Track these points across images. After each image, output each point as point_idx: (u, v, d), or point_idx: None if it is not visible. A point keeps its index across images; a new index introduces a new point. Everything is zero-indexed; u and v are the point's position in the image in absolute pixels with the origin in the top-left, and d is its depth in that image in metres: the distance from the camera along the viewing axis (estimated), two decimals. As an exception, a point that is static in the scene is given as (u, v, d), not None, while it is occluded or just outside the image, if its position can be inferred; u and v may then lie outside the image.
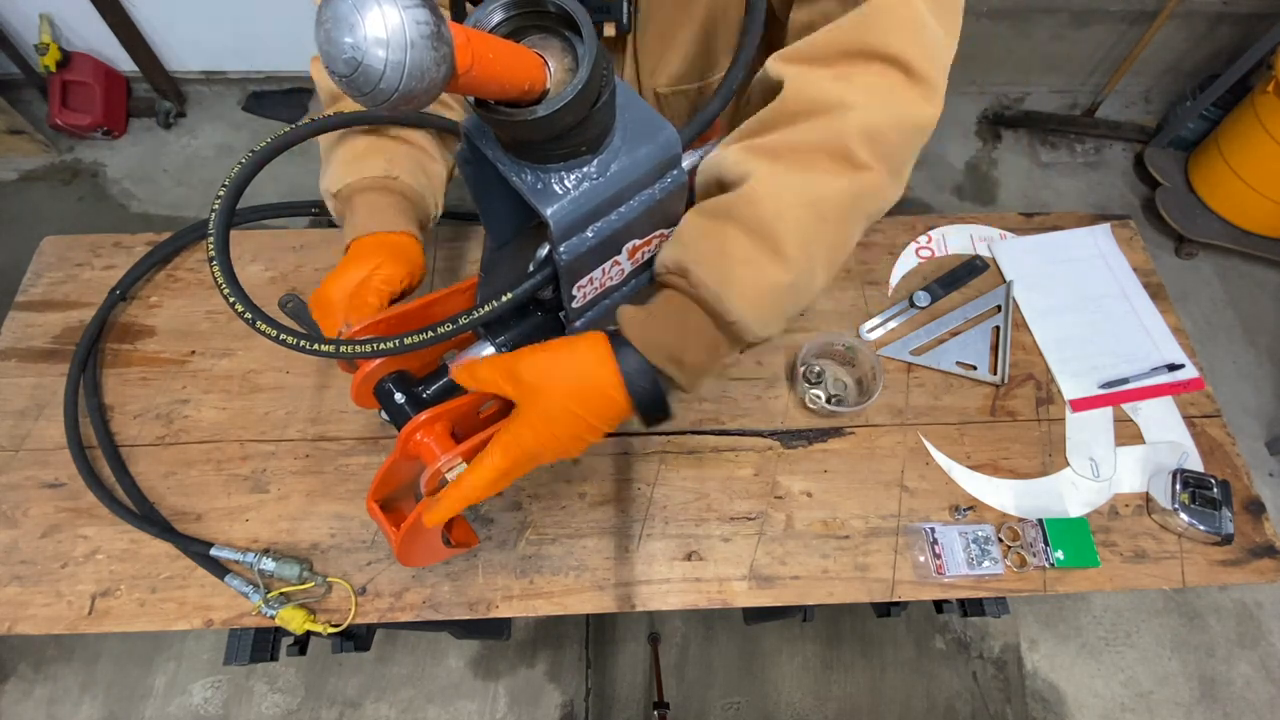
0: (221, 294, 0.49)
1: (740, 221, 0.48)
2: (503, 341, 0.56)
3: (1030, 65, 2.43)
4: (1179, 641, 1.66)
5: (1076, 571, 0.80)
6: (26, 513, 0.82)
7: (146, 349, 0.93)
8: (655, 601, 0.78)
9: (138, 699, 1.56)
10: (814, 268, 0.51)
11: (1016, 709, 1.59)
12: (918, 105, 0.50)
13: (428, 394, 0.57)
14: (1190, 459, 0.86)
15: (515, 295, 0.48)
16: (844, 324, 0.96)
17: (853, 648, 1.64)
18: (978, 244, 1.03)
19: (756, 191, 0.48)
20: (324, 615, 0.76)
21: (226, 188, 0.52)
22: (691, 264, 0.49)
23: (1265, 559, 0.81)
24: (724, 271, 0.48)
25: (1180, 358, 0.93)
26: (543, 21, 0.39)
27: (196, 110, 2.43)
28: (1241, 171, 1.99)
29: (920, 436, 0.88)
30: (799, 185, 0.48)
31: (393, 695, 1.57)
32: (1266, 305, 2.12)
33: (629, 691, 1.59)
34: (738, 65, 0.53)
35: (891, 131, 0.49)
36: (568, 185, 0.44)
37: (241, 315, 0.49)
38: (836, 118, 0.48)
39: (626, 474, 0.85)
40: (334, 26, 0.28)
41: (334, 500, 0.82)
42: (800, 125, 0.49)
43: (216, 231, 0.50)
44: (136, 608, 0.76)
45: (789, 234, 0.48)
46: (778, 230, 0.48)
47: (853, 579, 0.79)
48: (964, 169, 2.39)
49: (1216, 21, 2.23)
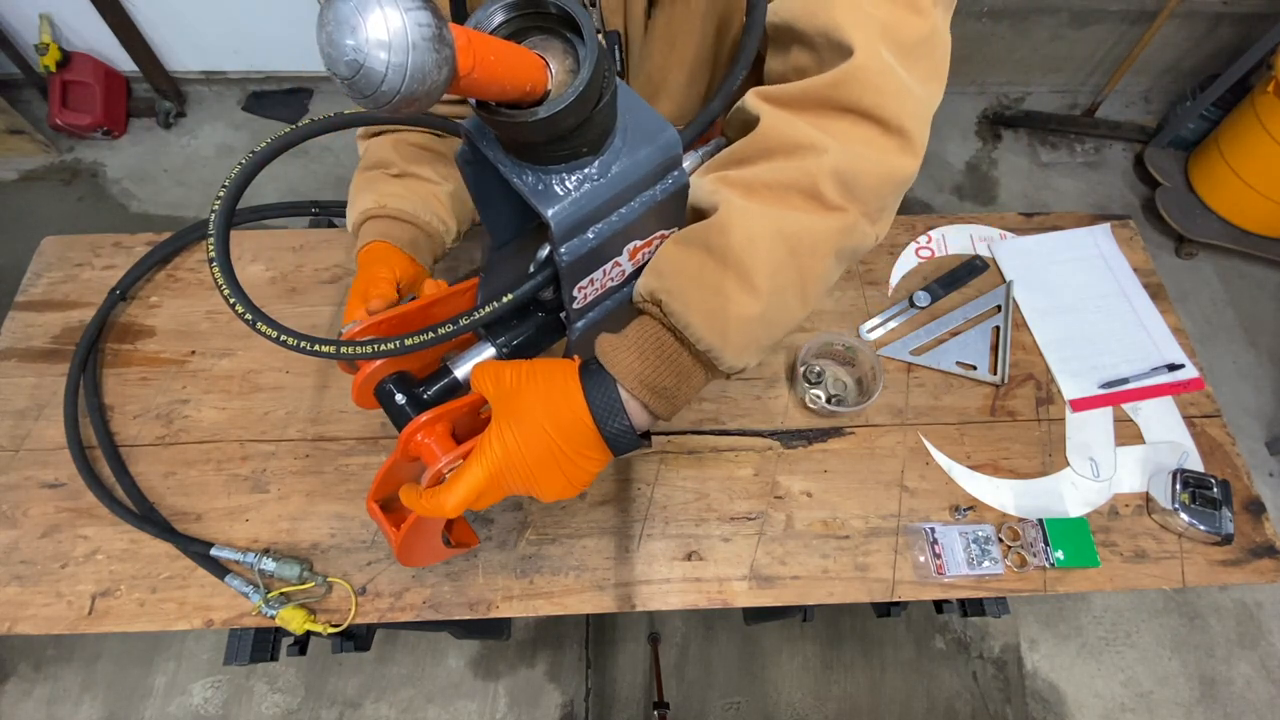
0: (222, 294, 0.49)
1: (712, 250, 0.49)
2: (503, 342, 0.56)
3: (1030, 65, 2.43)
4: (1179, 641, 1.66)
5: (1076, 571, 0.80)
6: (26, 513, 0.82)
7: (146, 349, 0.93)
8: (655, 601, 0.78)
9: (138, 699, 1.56)
10: (785, 300, 0.51)
11: (1016, 709, 1.59)
12: (894, 156, 0.51)
13: (428, 395, 0.57)
14: (1190, 459, 0.86)
15: (516, 296, 0.48)
16: (844, 324, 0.96)
17: (853, 648, 1.64)
18: (978, 244, 1.03)
19: (728, 221, 0.49)
20: (324, 615, 0.76)
21: (226, 188, 0.52)
22: (664, 294, 0.50)
23: (1265, 559, 0.81)
24: (694, 301, 0.49)
25: (1180, 358, 0.93)
26: (544, 23, 0.39)
27: (196, 110, 2.43)
28: (1241, 171, 1.99)
29: (920, 436, 0.88)
30: (770, 217, 0.49)
31: (393, 695, 1.57)
32: (1266, 305, 2.12)
33: (629, 691, 1.59)
34: (738, 65, 0.53)
35: (865, 176, 0.50)
36: (569, 186, 0.44)
37: (242, 316, 0.48)
38: (809, 158, 0.49)
39: (626, 474, 0.85)
40: (336, 29, 0.28)
41: (334, 500, 0.82)
42: (775, 162, 0.50)
43: (217, 232, 0.50)
44: (136, 608, 0.76)
45: (759, 265, 0.49)
46: (746, 261, 0.48)
47: (853, 579, 0.79)
48: (964, 169, 2.39)
49: (1216, 21, 2.23)
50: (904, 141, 0.50)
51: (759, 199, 0.50)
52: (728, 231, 0.49)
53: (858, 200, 0.50)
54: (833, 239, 0.51)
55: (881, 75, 0.49)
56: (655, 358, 0.50)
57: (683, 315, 0.49)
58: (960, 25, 2.27)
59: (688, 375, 0.52)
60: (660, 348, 0.51)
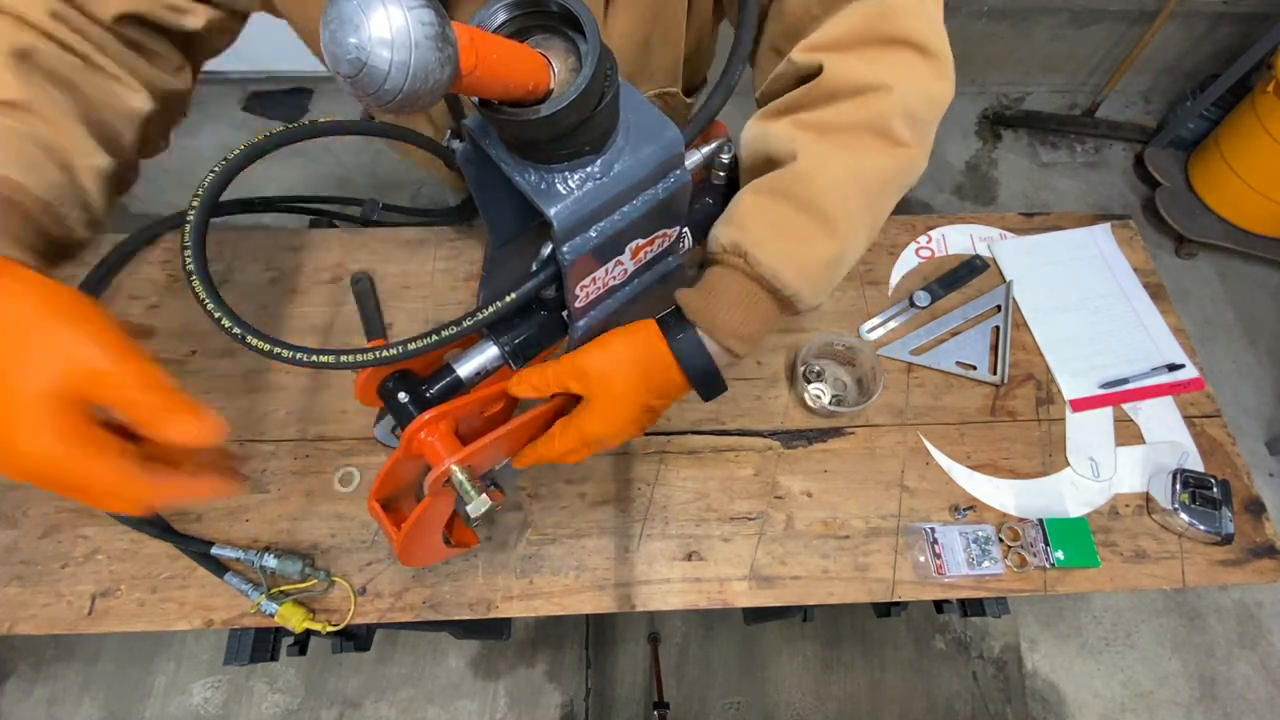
0: (205, 310, 0.45)
1: (794, 199, 0.51)
2: (505, 341, 0.56)
3: (1030, 65, 2.43)
4: (1179, 641, 1.67)
5: (1077, 571, 0.80)
6: (26, 513, 0.82)
7: (146, 349, 0.93)
8: (655, 601, 0.78)
9: (138, 699, 1.56)
10: (858, 240, 0.54)
11: (1016, 709, 1.59)
12: (936, 82, 0.53)
13: (431, 393, 0.57)
14: (1190, 459, 0.87)
15: (519, 295, 0.48)
16: (844, 324, 0.96)
17: (853, 648, 1.64)
18: (978, 244, 1.03)
19: (808, 169, 0.51)
20: (324, 615, 0.76)
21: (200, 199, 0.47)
22: (750, 245, 0.51)
23: (1265, 559, 0.81)
24: (781, 250, 0.51)
25: (1180, 358, 0.93)
26: (546, 21, 0.39)
27: (196, 110, 2.41)
28: (1241, 171, 1.99)
29: (920, 436, 0.88)
30: (846, 162, 0.51)
31: (393, 695, 1.57)
32: (1266, 305, 2.12)
33: (629, 691, 1.59)
34: (735, 59, 0.53)
35: (922, 108, 0.52)
36: (571, 185, 0.44)
37: (229, 331, 0.46)
38: (878, 98, 0.50)
39: (626, 474, 0.85)
40: (339, 27, 0.28)
41: (334, 500, 0.82)
42: (843, 104, 0.51)
43: (193, 247, 0.46)
44: (136, 608, 0.76)
45: (839, 210, 0.51)
46: (828, 207, 0.51)
47: (853, 579, 0.79)
48: (964, 169, 2.39)
49: (1216, 21, 2.23)
50: (941, 65, 0.53)
51: (834, 143, 0.51)
52: (810, 180, 0.51)
53: (920, 134, 0.53)
54: (901, 176, 0.54)
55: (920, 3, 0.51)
56: (744, 309, 0.53)
57: (770, 265, 0.51)
58: (960, 25, 2.28)
59: (771, 318, 0.55)
60: (748, 298, 0.53)
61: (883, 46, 0.51)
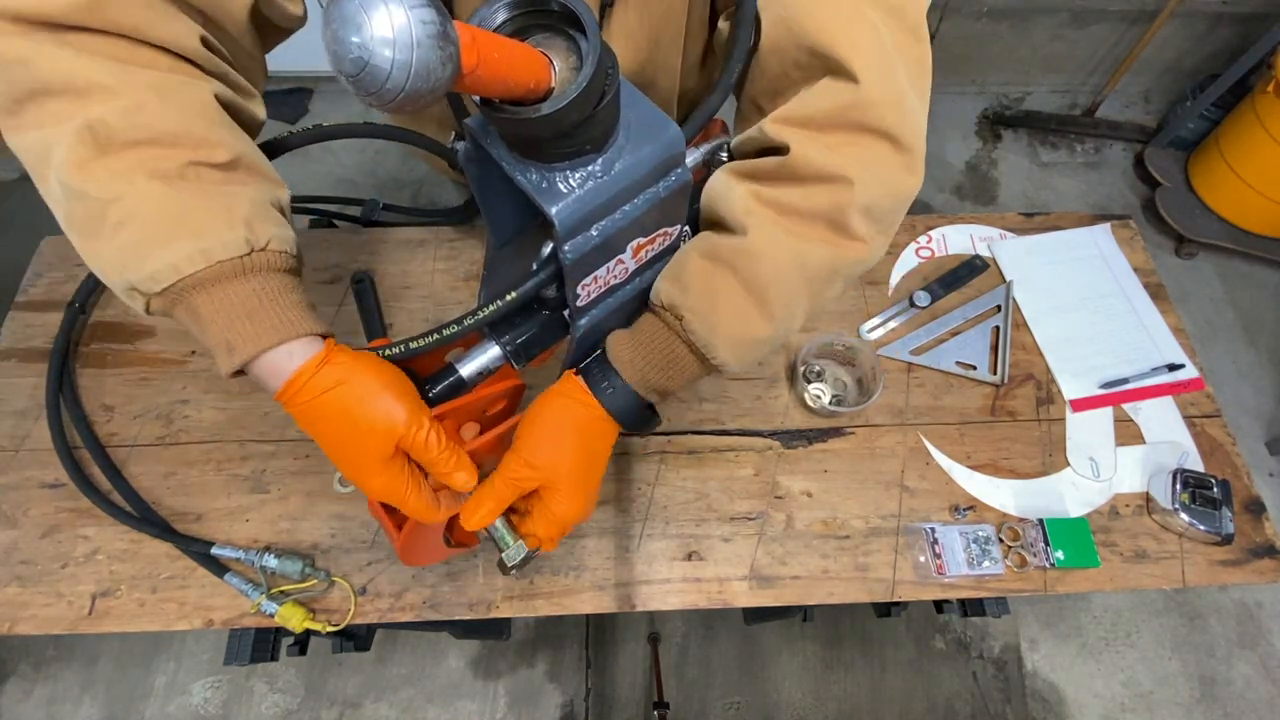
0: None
1: (738, 273, 0.52)
2: (507, 340, 0.56)
3: (1030, 65, 2.43)
4: (1179, 641, 1.67)
5: (1077, 571, 0.80)
6: (26, 513, 0.82)
7: (146, 349, 0.93)
8: (655, 601, 0.78)
9: (138, 699, 1.56)
10: (795, 323, 0.56)
11: (1016, 709, 1.59)
12: (904, 176, 0.53)
13: (433, 393, 0.57)
14: (1190, 459, 0.87)
15: (520, 294, 0.48)
16: (844, 324, 0.96)
17: (853, 648, 1.64)
18: (978, 244, 1.03)
19: (757, 248, 0.51)
20: (324, 615, 0.76)
21: None
22: (687, 311, 0.53)
23: (1265, 559, 0.81)
24: (716, 324, 0.53)
25: (1180, 358, 0.93)
26: (547, 20, 0.39)
27: (196, 110, 2.42)
28: (1241, 171, 1.99)
29: (920, 436, 0.88)
30: (795, 250, 0.52)
31: (393, 695, 1.57)
32: (1266, 305, 2.12)
33: (629, 691, 1.59)
34: (734, 59, 0.53)
35: (885, 203, 0.53)
36: (572, 184, 0.44)
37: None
38: (839, 190, 0.50)
39: (626, 474, 0.85)
40: (341, 26, 0.28)
41: (334, 500, 0.82)
42: (807, 188, 0.51)
43: None
44: (136, 608, 0.76)
45: (779, 295, 0.53)
46: (770, 292, 0.52)
47: (853, 579, 0.79)
48: (964, 169, 2.39)
49: (1216, 21, 2.23)
50: (911, 160, 0.53)
51: (786, 227, 0.52)
52: (758, 259, 0.51)
53: (878, 227, 0.54)
54: (848, 268, 0.55)
55: (896, 86, 0.50)
56: (669, 368, 0.56)
57: (706, 337, 0.53)
58: (960, 25, 2.28)
59: (693, 378, 0.58)
60: (676, 361, 0.56)
61: (855, 134, 0.50)
